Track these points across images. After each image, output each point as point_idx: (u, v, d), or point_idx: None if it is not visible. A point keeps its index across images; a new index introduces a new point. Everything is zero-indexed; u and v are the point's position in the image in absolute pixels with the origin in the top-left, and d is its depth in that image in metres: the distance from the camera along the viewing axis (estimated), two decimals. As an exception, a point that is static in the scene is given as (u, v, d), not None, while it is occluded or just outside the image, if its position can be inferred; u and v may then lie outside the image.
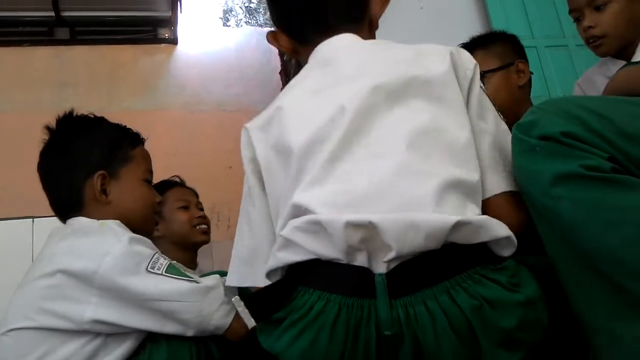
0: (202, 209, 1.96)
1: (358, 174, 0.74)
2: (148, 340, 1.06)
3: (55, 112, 1.25)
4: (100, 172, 1.17)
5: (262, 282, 0.82)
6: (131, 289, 0.99)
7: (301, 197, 0.75)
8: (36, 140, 1.25)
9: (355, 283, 0.68)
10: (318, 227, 0.70)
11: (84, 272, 0.99)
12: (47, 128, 1.24)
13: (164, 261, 1.05)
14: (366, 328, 0.66)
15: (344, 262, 0.69)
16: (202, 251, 1.96)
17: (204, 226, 1.90)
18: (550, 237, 0.75)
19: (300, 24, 0.97)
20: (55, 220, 1.23)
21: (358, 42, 0.92)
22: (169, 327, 1.03)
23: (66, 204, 1.19)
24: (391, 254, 0.66)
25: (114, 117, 1.31)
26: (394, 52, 0.88)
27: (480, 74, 1.51)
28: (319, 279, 0.71)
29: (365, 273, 0.68)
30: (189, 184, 2.10)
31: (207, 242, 1.90)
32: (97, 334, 1.01)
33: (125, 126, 1.29)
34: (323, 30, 0.94)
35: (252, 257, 0.88)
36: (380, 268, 0.68)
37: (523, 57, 1.57)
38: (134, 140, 1.27)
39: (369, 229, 0.67)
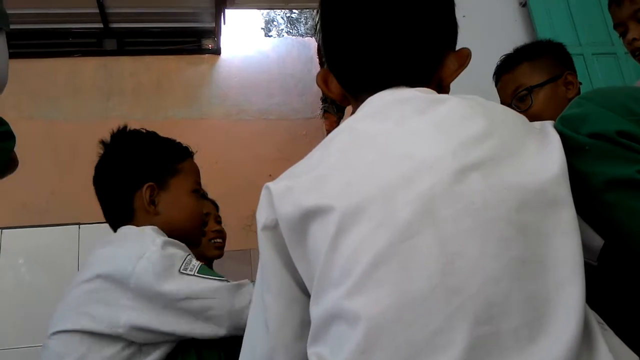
0: (220, 222, 1.98)
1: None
2: (179, 350, 1.07)
3: (102, 120, 1.29)
4: (149, 183, 1.21)
5: None
6: (164, 290, 1.01)
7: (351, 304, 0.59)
8: (83, 148, 1.29)
9: None
10: None
11: (120, 275, 1.02)
12: (102, 142, 1.28)
13: (196, 262, 1.07)
14: None
15: None
16: (240, 258, 1.98)
17: (218, 240, 1.92)
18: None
19: (354, 79, 0.81)
20: (100, 227, 1.26)
21: (412, 100, 0.72)
22: (202, 328, 1.04)
23: (117, 215, 1.23)
24: None
25: (158, 126, 1.34)
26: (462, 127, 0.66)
27: (528, 88, 1.47)
28: None
29: None
30: (229, 191, 2.13)
31: (220, 256, 1.92)
32: (131, 342, 1.03)
33: (175, 140, 1.32)
34: (378, 91, 0.77)
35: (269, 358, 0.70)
36: None
37: (571, 67, 1.52)
38: (183, 153, 1.31)
39: None
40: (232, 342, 1.04)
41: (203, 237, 1.37)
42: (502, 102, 1.53)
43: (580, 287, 0.56)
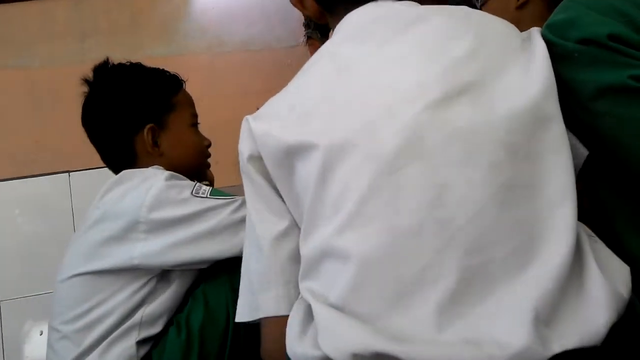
0: None
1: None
2: (188, 293, 1.09)
3: (80, 64, 1.25)
4: (150, 125, 1.18)
5: (276, 309, 0.69)
6: (177, 214, 1.01)
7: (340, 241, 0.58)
8: (65, 93, 1.25)
9: None
10: None
11: (130, 211, 1.02)
12: (85, 81, 1.23)
13: (206, 188, 1.07)
14: None
15: None
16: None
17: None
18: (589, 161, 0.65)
19: None
20: (91, 173, 1.24)
21: (394, 18, 0.67)
22: (213, 244, 1.03)
23: (118, 159, 1.20)
24: None
25: (138, 66, 1.29)
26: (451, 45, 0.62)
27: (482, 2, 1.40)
28: None
29: None
30: (216, 127, 2.10)
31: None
32: (147, 281, 1.04)
33: (164, 70, 1.27)
34: (355, 5, 0.73)
35: (265, 281, 0.70)
36: None
37: None
38: (175, 85, 1.26)
39: None
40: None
41: (208, 168, 1.35)
42: None
43: (571, 207, 0.56)
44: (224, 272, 1.09)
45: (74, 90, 1.25)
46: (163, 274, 1.07)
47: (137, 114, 1.19)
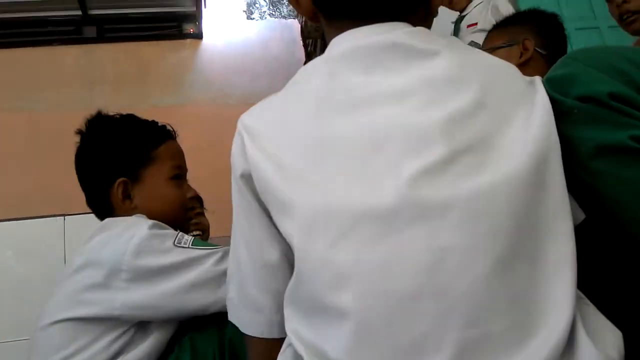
0: (202, 214, 1.99)
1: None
2: (175, 341, 1.07)
3: (86, 111, 1.26)
4: (120, 179, 1.16)
5: (265, 332, 0.67)
6: (159, 264, 1.00)
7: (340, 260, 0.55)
8: (67, 139, 1.26)
9: None
10: None
11: (112, 259, 1.00)
12: (79, 131, 1.24)
13: (188, 237, 1.05)
14: None
15: None
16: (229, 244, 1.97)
17: (197, 232, 1.93)
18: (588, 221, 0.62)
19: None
20: (86, 218, 1.24)
21: (400, 48, 0.63)
22: (197, 297, 1.01)
23: (99, 208, 1.20)
24: None
25: (142, 114, 1.30)
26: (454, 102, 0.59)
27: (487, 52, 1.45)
28: None
29: None
30: (217, 177, 2.11)
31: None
32: (125, 330, 1.03)
33: (153, 122, 1.26)
34: (354, 17, 0.67)
35: (257, 302, 0.67)
36: None
37: (550, 37, 1.48)
38: (158, 137, 1.23)
39: None
40: (226, 333, 1.04)
41: (189, 221, 1.33)
42: None
43: (570, 276, 0.54)
44: (213, 325, 1.07)
45: (77, 136, 1.26)
46: (140, 324, 1.04)
47: (109, 167, 1.17)
